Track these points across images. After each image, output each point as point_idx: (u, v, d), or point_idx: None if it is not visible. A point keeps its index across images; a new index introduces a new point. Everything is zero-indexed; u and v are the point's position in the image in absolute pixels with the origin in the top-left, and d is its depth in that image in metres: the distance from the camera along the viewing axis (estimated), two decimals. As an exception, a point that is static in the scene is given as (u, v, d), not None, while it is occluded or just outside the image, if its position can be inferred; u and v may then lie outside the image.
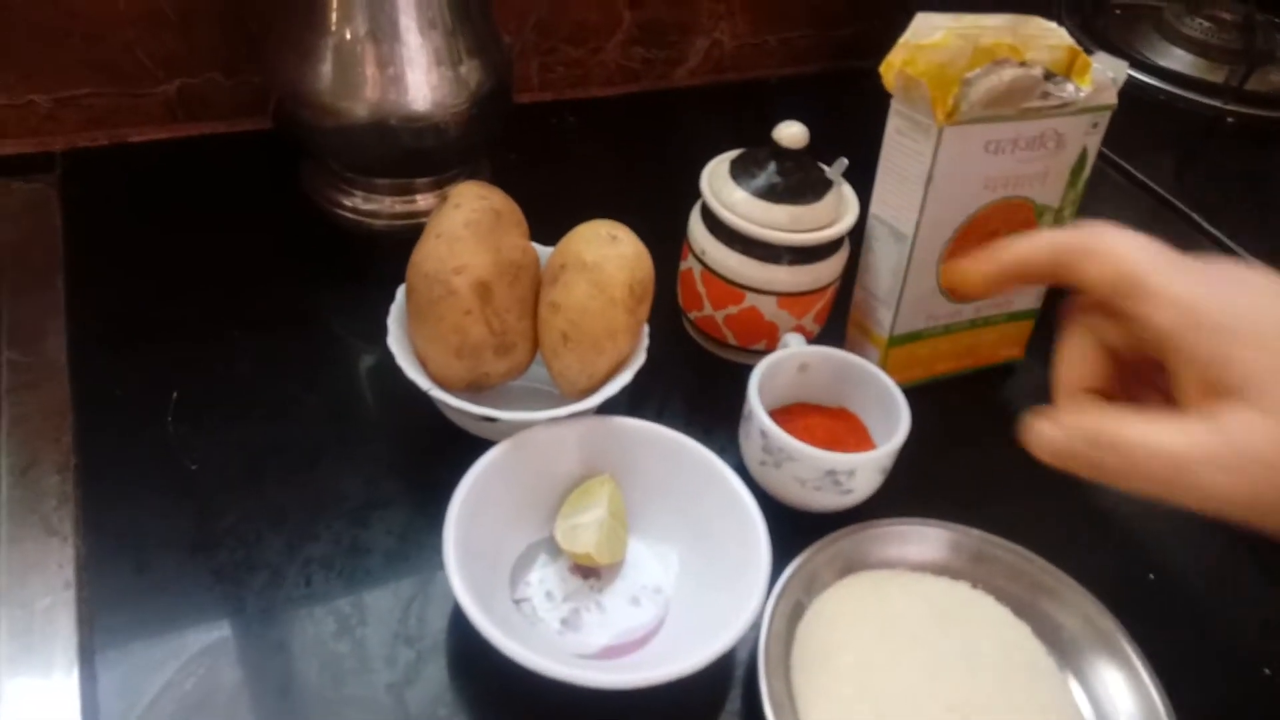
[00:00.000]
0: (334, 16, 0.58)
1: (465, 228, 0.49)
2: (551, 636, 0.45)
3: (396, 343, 0.50)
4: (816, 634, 0.45)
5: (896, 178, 0.53)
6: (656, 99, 0.87)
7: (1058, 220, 0.57)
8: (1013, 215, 0.55)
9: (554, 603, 0.46)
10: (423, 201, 0.68)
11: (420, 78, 0.60)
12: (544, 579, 0.47)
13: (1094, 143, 0.55)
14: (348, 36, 0.59)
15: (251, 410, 0.54)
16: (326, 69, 0.59)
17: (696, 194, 0.57)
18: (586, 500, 0.48)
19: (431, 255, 0.49)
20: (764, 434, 0.48)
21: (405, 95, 0.60)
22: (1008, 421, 0.50)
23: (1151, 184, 0.61)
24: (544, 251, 0.53)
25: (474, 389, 0.51)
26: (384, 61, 0.59)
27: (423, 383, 0.48)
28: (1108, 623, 0.46)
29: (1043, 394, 0.37)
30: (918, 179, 0.51)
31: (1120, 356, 0.34)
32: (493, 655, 0.39)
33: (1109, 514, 0.55)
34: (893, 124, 0.52)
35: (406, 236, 0.51)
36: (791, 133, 0.54)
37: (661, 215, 0.63)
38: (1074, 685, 0.45)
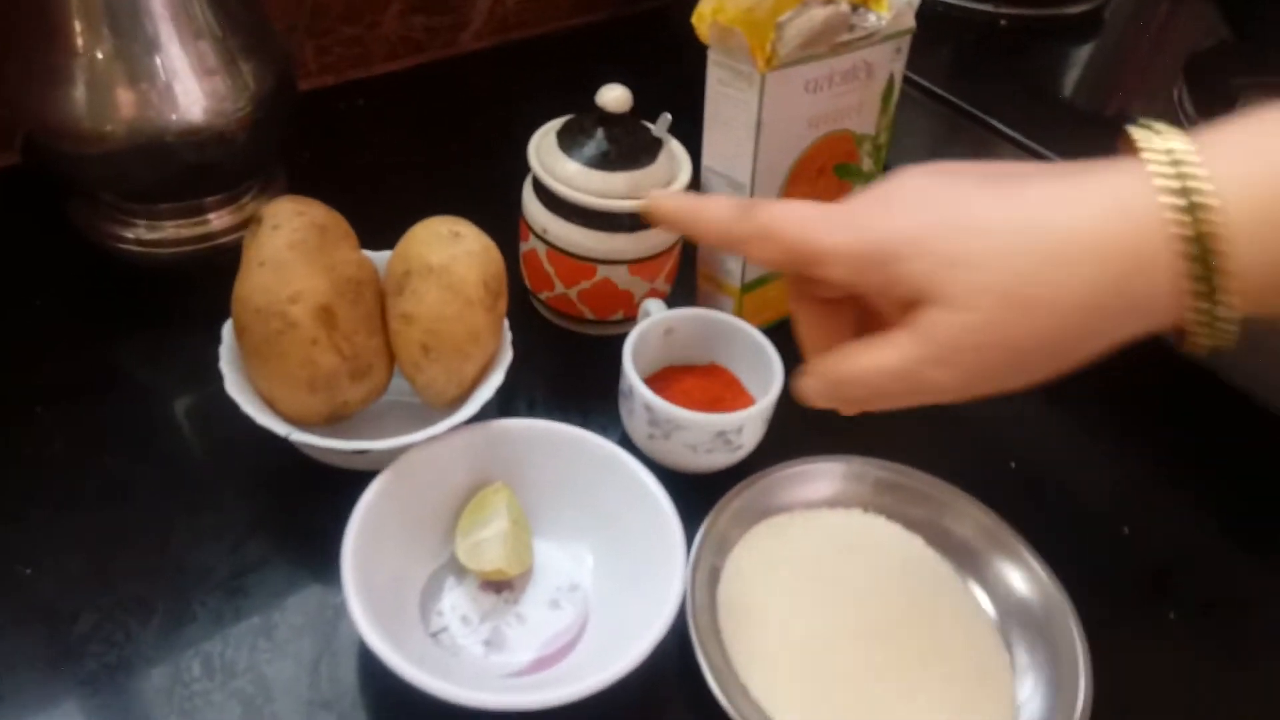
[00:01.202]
0: (79, 35, 0.51)
1: (290, 250, 0.45)
2: (477, 662, 0.43)
3: (236, 388, 0.45)
4: (735, 593, 0.46)
5: (725, 128, 0.53)
6: (446, 68, 0.83)
7: (876, 148, 0.59)
8: (836, 148, 0.56)
9: (472, 626, 0.44)
10: (217, 221, 0.61)
11: (192, 86, 0.54)
12: (455, 604, 0.45)
13: (899, 67, 0.56)
14: (99, 55, 0.51)
15: (79, 494, 0.47)
16: (79, 93, 0.52)
17: (514, 165, 0.55)
18: (483, 513, 0.46)
19: (259, 287, 0.44)
20: (649, 408, 0.48)
21: (178, 108, 0.54)
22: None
23: (948, 95, 0.64)
24: (378, 258, 0.50)
25: (334, 420, 0.47)
26: (146, 76, 0.52)
27: (279, 428, 0.44)
28: (990, 520, 0.49)
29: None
30: (747, 127, 0.51)
31: (847, 300, 0.36)
32: (419, 698, 0.37)
33: (963, 418, 0.58)
34: (714, 75, 0.52)
35: (206, 262, 0.46)
36: (615, 96, 0.52)
37: (485, 193, 0.61)
38: (975, 589, 0.48)
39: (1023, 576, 0.47)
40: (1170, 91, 0.69)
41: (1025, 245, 0.29)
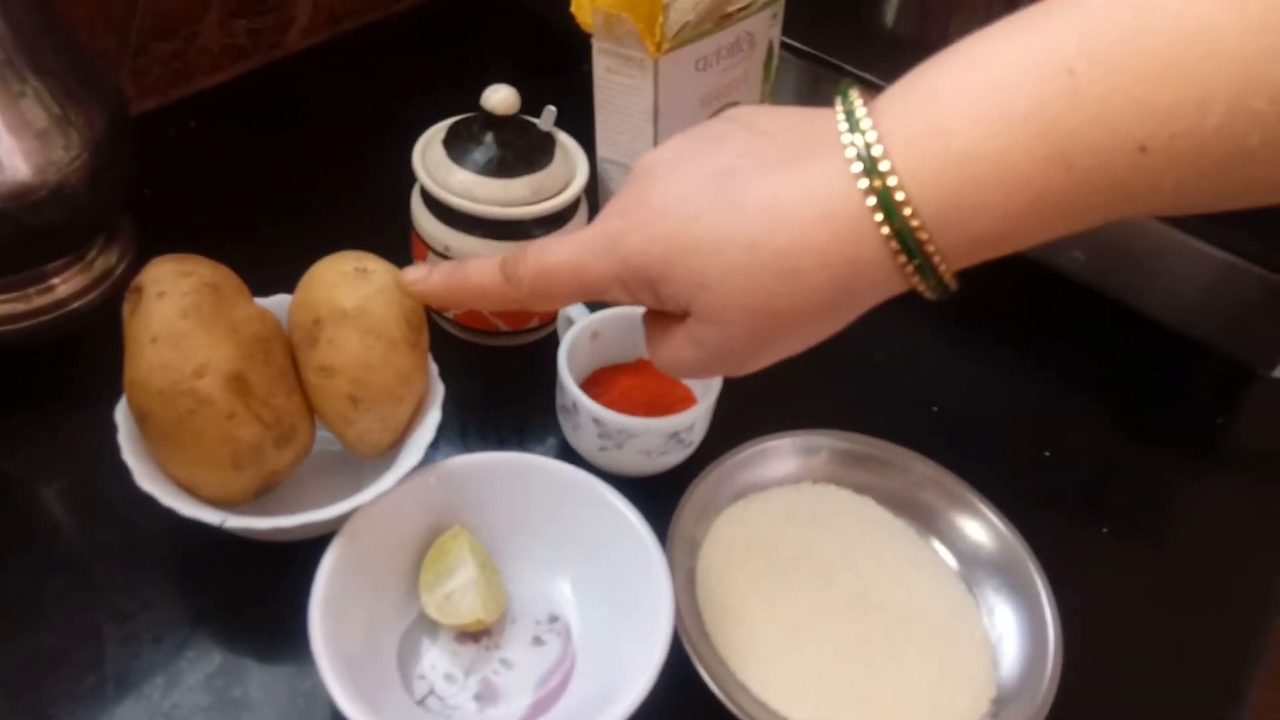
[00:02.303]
0: None
1: (184, 318, 0.40)
2: (472, 719, 0.41)
3: (148, 479, 0.41)
4: (715, 592, 0.46)
5: (620, 116, 0.51)
6: (277, 72, 0.76)
7: (762, 113, 0.58)
8: (728, 122, 0.55)
9: (458, 683, 0.42)
10: (64, 286, 0.55)
11: (13, 145, 0.47)
12: (436, 663, 0.42)
13: (776, 33, 0.56)
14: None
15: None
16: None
17: (379, 173, 0.52)
18: (446, 561, 0.43)
19: (158, 366, 0.39)
20: (598, 421, 0.46)
21: (2, 171, 0.47)
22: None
23: (819, 53, 0.64)
24: (274, 305, 0.45)
25: (264, 493, 0.43)
26: (-41, 136, 0.46)
27: (210, 516, 0.40)
28: (929, 469, 0.50)
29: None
30: (643, 114, 0.50)
31: None
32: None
33: (882, 374, 0.60)
34: (602, 64, 0.50)
35: (58, 334, 0.41)
36: (502, 98, 0.49)
37: (359, 210, 0.57)
38: (930, 538, 0.50)
39: (973, 522, 0.49)
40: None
41: (757, 264, 0.31)
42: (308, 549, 0.40)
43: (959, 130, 0.27)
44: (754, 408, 0.53)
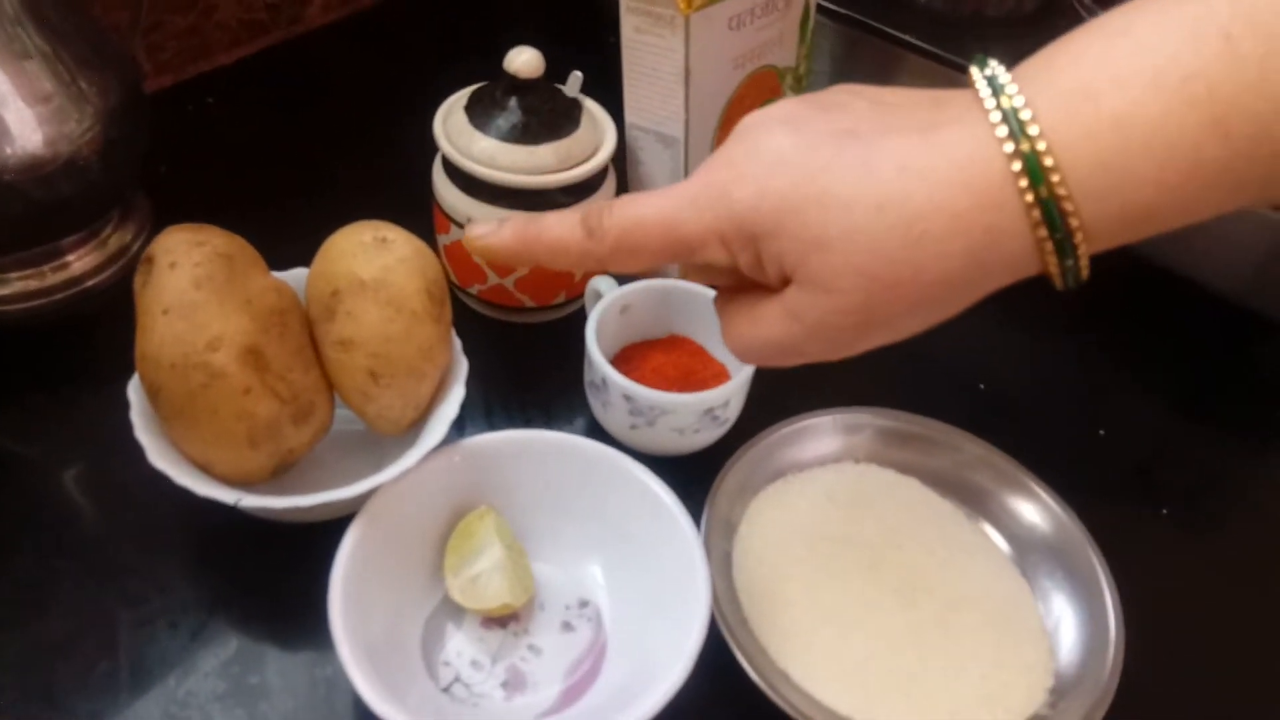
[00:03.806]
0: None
1: (197, 289, 0.39)
2: (500, 710, 0.39)
3: (161, 457, 0.39)
4: (753, 576, 0.43)
5: (649, 80, 0.49)
6: (297, 48, 0.75)
7: (797, 80, 0.56)
8: (761, 86, 0.53)
9: (485, 670, 0.40)
10: (79, 263, 0.53)
11: (25, 114, 0.46)
12: (461, 649, 0.40)
13: (813, -8, 0.54)
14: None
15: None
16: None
17: (404, 147, 0.50)
18: (471, 543, 0.41)
19: (169, 338, 0.38)
20: (629, 398, 0.44)
21: (13, 141, 0.46)
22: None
23: (857, 15, 0.62)
24: (291, 279, 0.44)
25: (281, 472, 0.41)
26: (-33, 107, 0.44)
27: (224, 495, 0.38)
28: (980, 448, 0.48)
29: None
30: (674, 76, 0.47)
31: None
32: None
33: (925, 352, 0.57)
34: (630, 24, 0.47)
35: (74, 312, 0.40)
36: (525, 60, 0.47)
37: (381, 184, 0.55)
38: (980, 520, 0.47)
39: (1026, 503, 0.47)
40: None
41: (885, 225, 0.28)
42: (328, 530, 0.39)
43: (1110, 94, 0.26)
44: (792, 384, 0.51)
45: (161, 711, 0.38)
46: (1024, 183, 0.26)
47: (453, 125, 0.49)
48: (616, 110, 0.52)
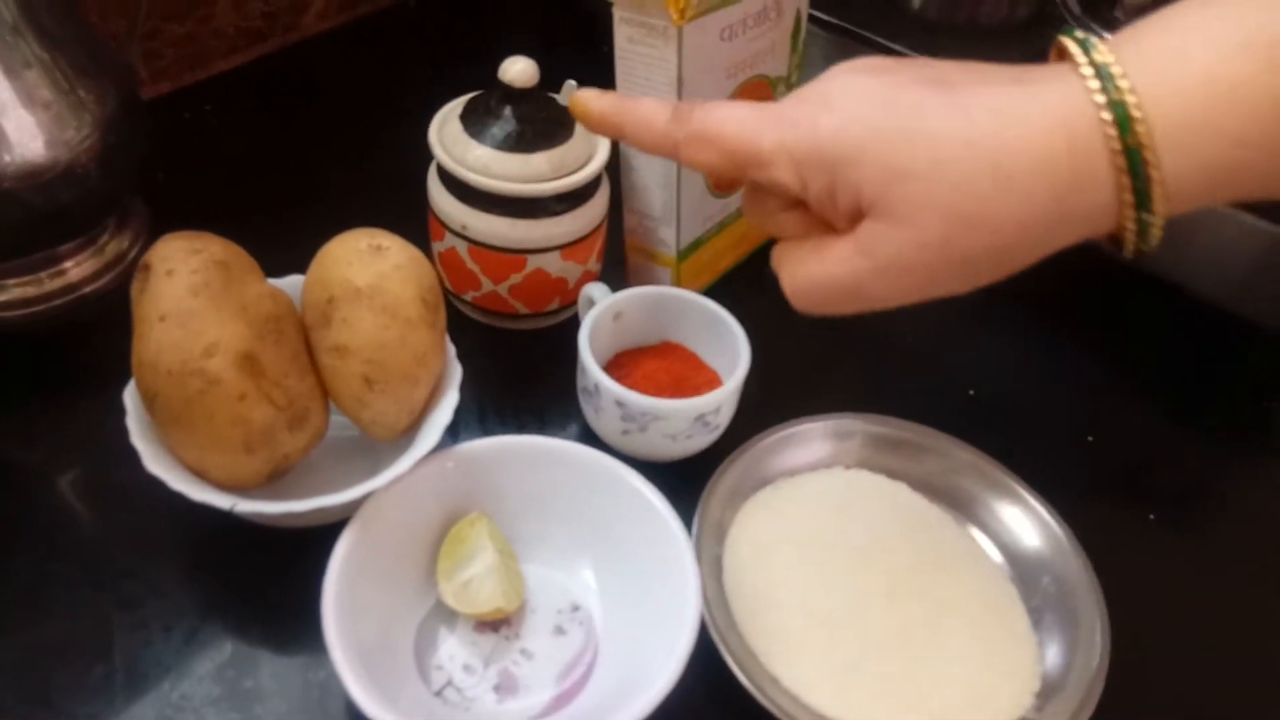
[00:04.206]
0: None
1: (194, 296, 0.39)
2: (492, 712, 0.39)
3: (157, 463, 0.39)
4: (743, 580, 0.44)
5: (642, 89, 0.49)
6: (294, 56, 0.75)
7: (788, 88, 0.56)
8: (755, 95, 0.53)
9: (477, 674, 0.40)
10: (76, 270, 0.54)
11: (24, 122, 0.46)
12: (454, 653, 0.41)
13: (804, 3, 0.54)
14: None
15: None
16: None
17: (400, 155, 0.50)
18: (464, 548, 0.42)
19: (166, 345, 0.38)
20: (621, 403, 0.45)
21: (11, 148, 0.46)
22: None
23: (848, 25, 0.62)
24: (286, 286, 0.44)
25: (277, 478, 0.42)
26: (-34, 115, 0.45)
27: (220, 500, 0.39)
28: (968, 454, 0.48)
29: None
30: (667, 85, 0.48)
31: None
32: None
33: (914, 356, 0.58)
34: (623, 34, 0.48)
35: (71, 319, 0.40)
36: (520, 69, 0.48)
37: (377, 192, 0.55)
38: (969, 526, 0.48)
39: (1014, 509, 0.47)
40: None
41: (973, 160, 0.28)
42: (322, 535, 0.39)
43: (1200, 54, 0.27)
44: (783, 390, 0.52)
45: (156, 715, 0.38)
46: (1112, 131, 0.27)
47: (448, 133, 0.49)
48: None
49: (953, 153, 0.28)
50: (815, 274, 0.32)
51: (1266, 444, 0.56)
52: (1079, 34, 0.29)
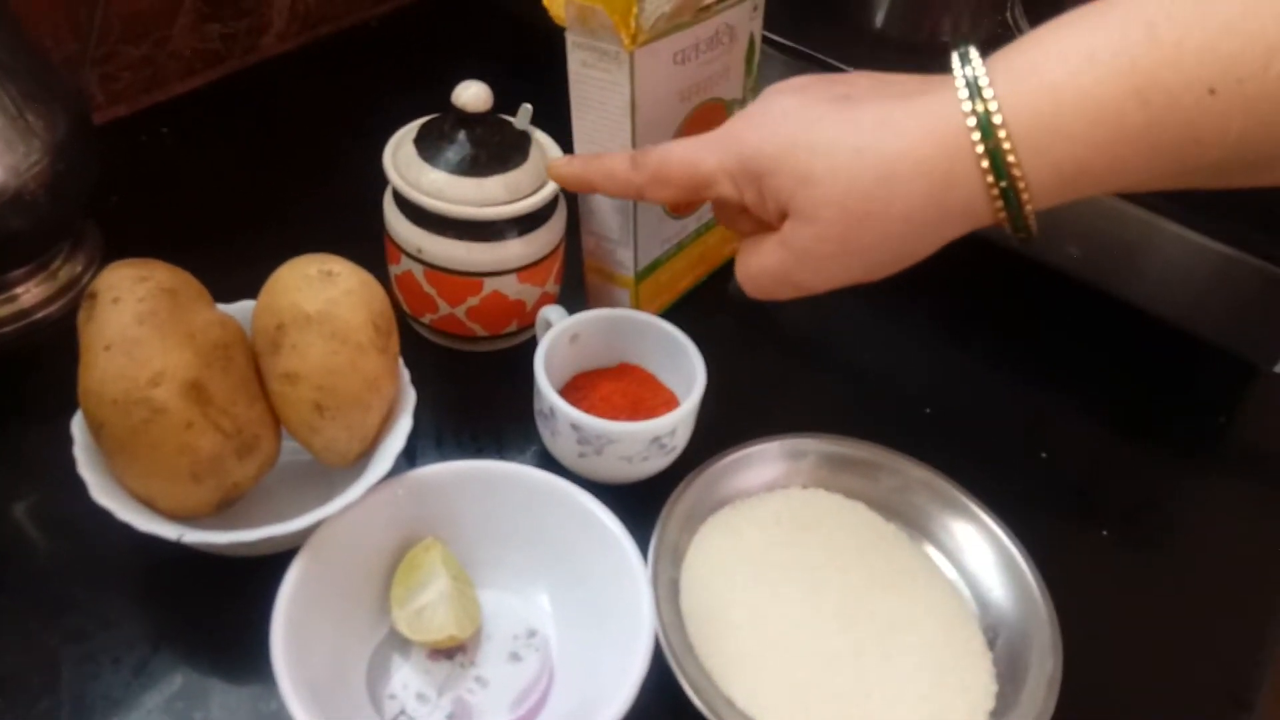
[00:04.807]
0: None
1: (140, 325, 0.39)
2: (446, 740, 0.39)
3: (104, 493, 0.39)
4: (699, 602, 0.44)
5: (596, 113, 0.49)
6: (252, 77, 0.75)
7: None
8: (709, 118, 0.54)
9: (431, 703, 0.40)
10: (27, 295, 0.53)
11: (-31, 145, 0.46)
12: (407, 682, 0.40)
13: (757, 26, 0.55)
14: None
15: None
16: None
17: (360, 178, 0.50)
18: (417, 575, 0.41)
19: (111, 374, 0.38)
20: (576, 427, 0.45)
21: (-42, 173, 0.46)
22: (763, 315, 0.51)
23: (802, 48, 0.63)
24: (237, 312, 0.44)
25: (226, 506, 0.41)
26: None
27: (167, 531, 0.38)
28: (924, 472, 0.49)
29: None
30: (620, 110, 0.48)
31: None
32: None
33: (872, 375, 0.58)
34: (576, 58, 0.48)
35: (23, 345, 0.40)
36: (474, 94, 0.48)
37: (334, 215, 0.55)
38: (923, 543, 0.48)
39: (968, 526, 0.47)
40: (1004, 8, 0.70)
41: (860, 166, 0.34)
42: (276, 561, 0.39)
43: (1052, 67, 0.31)
44: (739, 412, 0.52)
45: (104, 750, 0.38)
46: (976, 135, 0.32)
47: (402, 158, 0.49)
48: (569, 137, 0.52)
49: (845, 160, 0.34)
50: (753, 264, 0.38)
51: (1217, 460, 0.57)
52: (967, 49, 0.33)
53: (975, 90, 0.32)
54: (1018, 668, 0.43)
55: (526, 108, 0.51)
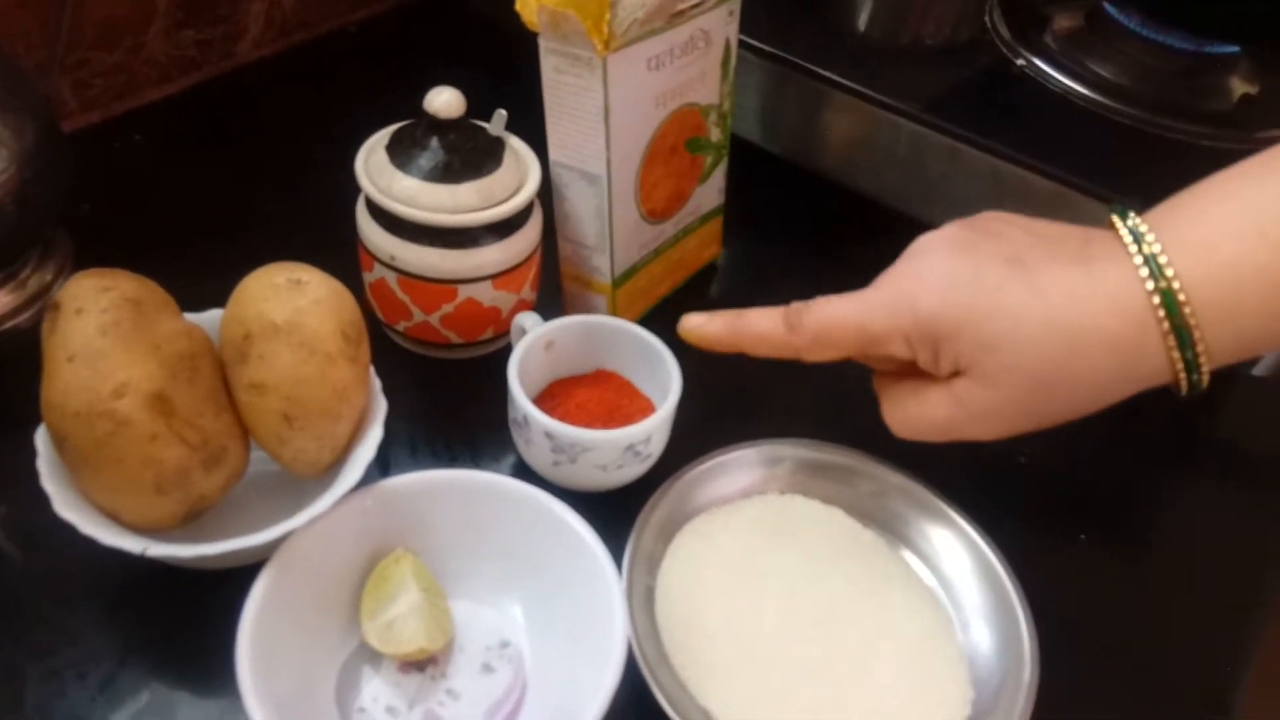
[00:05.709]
0: None
1: (103, 336, 0.38)
2: (416, 754, 0.38)
3: (68, 507, 0.38)
4: (675, 611, 0.43)
5: (570, 119, 0.49)
6: (228, 84, 0.74)
7: (721, 117, 0.57)
8: (685, 123, 0.54)
9: (401, 717, 0.39)
10: (-3, 302, 0.52)
11: (-66, 154, 0.45)
12: (377, 695, 0.40)
13: (733, 31, 0.54)
14: None
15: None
16: None
17: (335, 185, 0.50)
18: (387, 587, 0.41)
19: (74, 386, 0.37)
20: (550, 435, 0.44)
21: (-79, 182, 0.45)
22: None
23: (780, 53, 0.63)
24: (205, 321, 0.43)
25: (193, 518, 0.41)
26: None
27: (132, 544, 0.38)
28: (900, 479, 0.48)
29: (746, 279, 0.55)
30: (594, 116, 0.48)
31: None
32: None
33: (847, 378, 0.58)
34: (549, 64, 0.48)
35: None
36: (445, 100, 0.48)
37: (308, 223, 0.55)
38: (901, 549, 0.48)
39: (946, 532, 0.47)
40: (983, 14, 0.70)
41: (1049, 338, 0.35)
42: (246, 575, 0.38)
43: (1227, 245, 0.33)
44: (715, 418, 0.51)
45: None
46: (1161, 313, 0.34)
47: (374, 164, 0.49)
48: (544, 146, 0.52)
49: (1033, 331, 0.35)
50: (915, 414, 0.40)
51: (1197, 463, 0.57)
52: (1130, 219, 0.35)
53: (1156, 269, 0.34)
54: (995, 674, 0.42)
55: (500, 113, 0.51)
